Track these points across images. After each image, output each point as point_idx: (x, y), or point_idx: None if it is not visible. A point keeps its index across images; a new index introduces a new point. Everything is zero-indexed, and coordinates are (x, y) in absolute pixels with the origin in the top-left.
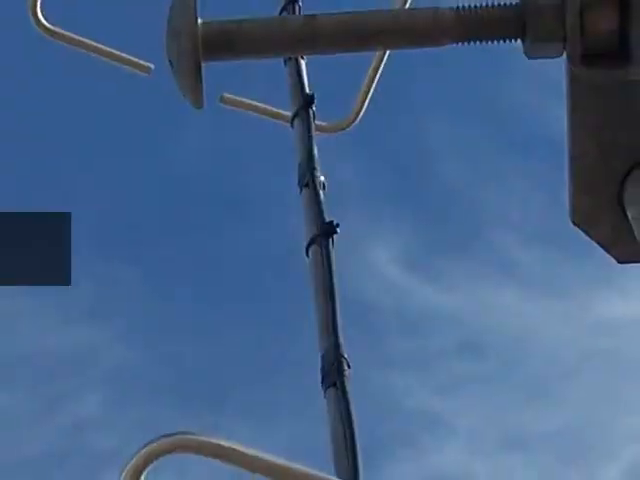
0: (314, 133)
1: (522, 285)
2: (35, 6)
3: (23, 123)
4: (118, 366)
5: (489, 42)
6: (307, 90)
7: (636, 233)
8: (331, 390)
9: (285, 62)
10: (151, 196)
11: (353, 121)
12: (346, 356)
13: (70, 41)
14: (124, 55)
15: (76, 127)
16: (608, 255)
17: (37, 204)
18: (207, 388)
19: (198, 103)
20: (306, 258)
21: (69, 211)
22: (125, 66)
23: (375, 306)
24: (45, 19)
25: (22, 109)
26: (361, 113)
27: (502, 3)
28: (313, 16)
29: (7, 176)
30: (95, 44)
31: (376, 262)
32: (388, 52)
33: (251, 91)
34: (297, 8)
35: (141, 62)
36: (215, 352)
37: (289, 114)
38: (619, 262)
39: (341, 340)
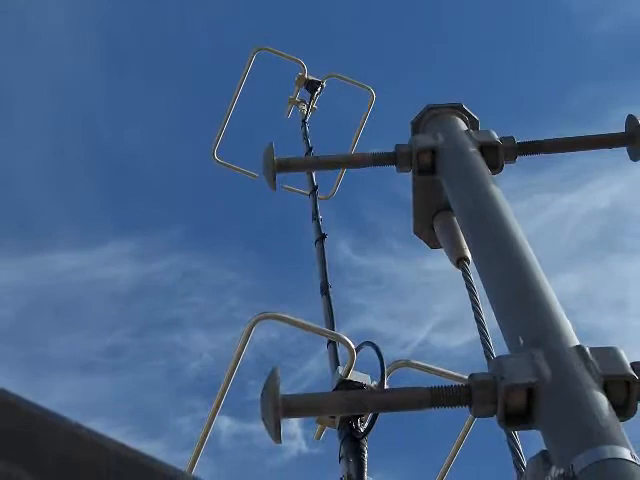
0: (318, 199)
1: None
2: (214, 150)
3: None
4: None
5: None
6: (314, 183)
7: (438, 235)
8: (324, 297)
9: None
10: None
11: (332, 194)
12: (330, 283)
13: (231, 168)
14: (242, 168)
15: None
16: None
17: None
18: (282, 297)
19: (274, 189)
20: (314, 249)
21: None
22: (244, 175)
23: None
24: (219, 157)
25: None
26: (335, 192)
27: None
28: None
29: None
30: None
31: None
32: (346, 170)
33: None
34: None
35: (252, 172)
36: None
37: (307, 192)
38: (431, 248)
39: (328, 276)
